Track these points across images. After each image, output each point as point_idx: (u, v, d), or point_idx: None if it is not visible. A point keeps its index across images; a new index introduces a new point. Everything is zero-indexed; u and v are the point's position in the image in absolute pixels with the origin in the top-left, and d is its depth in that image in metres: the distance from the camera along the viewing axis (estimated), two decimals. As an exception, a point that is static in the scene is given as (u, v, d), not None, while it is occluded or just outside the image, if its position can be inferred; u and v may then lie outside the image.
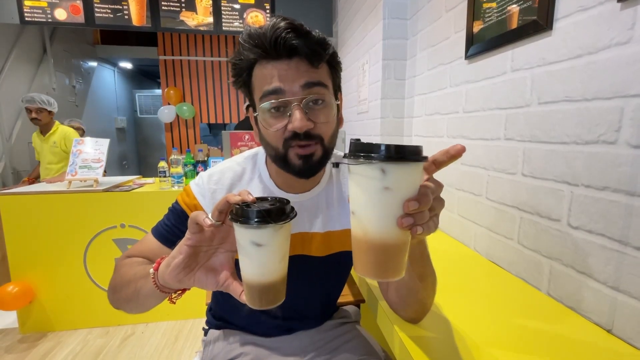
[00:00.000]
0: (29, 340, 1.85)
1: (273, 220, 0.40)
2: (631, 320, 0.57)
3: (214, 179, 0.65)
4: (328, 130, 0.56)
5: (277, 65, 0.52)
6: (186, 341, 1.85)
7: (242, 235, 0.42)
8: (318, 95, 0.53)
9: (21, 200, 1.80)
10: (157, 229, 0.65)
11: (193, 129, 4.82)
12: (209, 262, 0.48)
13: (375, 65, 1.58)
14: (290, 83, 0.52)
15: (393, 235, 0.37)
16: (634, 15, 0.55)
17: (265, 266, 0.43)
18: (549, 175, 0.74)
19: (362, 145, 0.36)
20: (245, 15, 2.63)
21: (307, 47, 0.51)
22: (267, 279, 0.43)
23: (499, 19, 0.88)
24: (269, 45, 0.50)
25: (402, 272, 0.39)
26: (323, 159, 0.57)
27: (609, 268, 0.60)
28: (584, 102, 0.65)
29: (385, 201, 0.36)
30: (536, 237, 0.78)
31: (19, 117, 3.28)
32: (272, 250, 0.42)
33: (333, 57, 0.56)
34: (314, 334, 0.77)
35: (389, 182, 0.35)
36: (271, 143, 0.56)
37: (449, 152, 0.40)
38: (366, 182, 0.36)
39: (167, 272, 0.46)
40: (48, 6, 2.38)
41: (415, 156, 0.35)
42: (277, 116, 0.53)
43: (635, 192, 0.56)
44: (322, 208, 0.66)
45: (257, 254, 0.42)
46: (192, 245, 0.44)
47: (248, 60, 0.54)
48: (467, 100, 1.04)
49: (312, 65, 0.53)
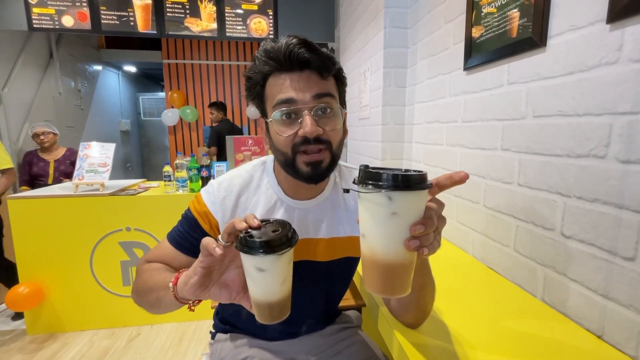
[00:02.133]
0: (36, 342, 1.89)
1: (273, 250, 0.44)
2: (620, 327, 0.60)
3: (223, 186, 0.68)
4: (336, 137, 0.60)
5: (290, 76, 0.57)
6: (190, 342, 1.89)
7: (247, 262, 0.46)
8: (327, 104, 0.58)
9: (29, 204, 1.85)
10: (171, 235, 0.69)
11: (196, 132, 4.86)
12: (222, 278, 0.53)
13: (377, 72, 1.61)
14: (302, 93, 0.56)
15: (400, 256, 0.40)
16: (621, 36, 0.58)
17: (268, 288, 0.48)
18: (543, 186, 0.76)
19: (370, 173, 0.39)
20: (248, 21, 2.66)
21: (317, 61, 0.56)
22: (272, 299, 0.48)
23: (496, 33, 0.91)
24: (283, 57, 0.55)
25: (408, 289, 0.42)
26: (331, 165, 0.60)
27: (599, 276, 0.63)
28: (575, 117, 0.67)
29: (392, 225, 0.39)
30: (531, 244, 0.81)
31: (26, 120, 3.33)
32: (274, 275, 0.47)
33: (339, 72, 0.62)
34: (317, 338, 0.80)
35: (396, 208, 0.38)
36: (281, 149, 0.59)
37: (452, 177, 0.43)
38: (374, 208, 0.39)
39: (185, 289, 0.51)
40: (56, 13, 2.43)
41: (421, 184, 0.38)
42: (288, 123, 0.58)
43: (623, 205, 0.58)
44: (327, 214, 0.69)
45: (260, 278, 0.47)
46: (204, 267, 0.49)
47: (263, 72, 0.58)
48: (466, 110, 1.07)
49: (322, 76, 0.58)
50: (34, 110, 3.43)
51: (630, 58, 0.57)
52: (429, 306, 0.62)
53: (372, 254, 0.41)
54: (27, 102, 3.39)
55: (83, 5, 2.45)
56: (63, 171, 2.66)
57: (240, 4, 2.63)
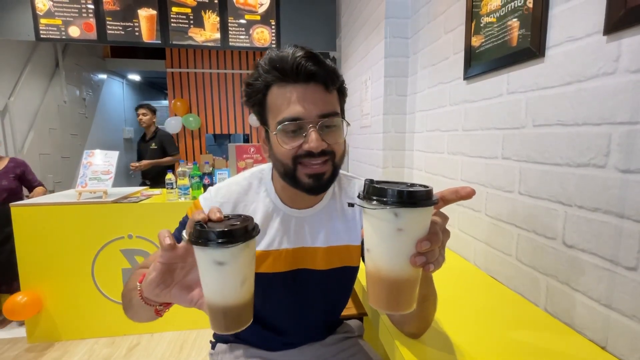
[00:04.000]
0: (36, 350, 1.88)
1: (231, 241, 0.39)
2: (624, 338, 0.59)
3: (221, 193, 0.69)
4: (339, 149, 0.61)
5: (295, 88, 0.56)
6: (191, 351, 1.87)
7: (203, 256, 0.41)
8: (331, 120, 0.58)
9: (32, 211, 1.86)
10: None
11: (199, 139, 4.90)
12: (185, 280, 0.48)
13: (378, 81, 1.63)
14: (308, 108, 0.56)
15: (405, 272, 0.39)
16: (618, 48, 0.59)
17: (226, 287, 0.42)
18: (544, 195, 0.77)
19: (376, 189, 0.38)
20: (251, 31, 2.71)
21: (323, 74, 0.56)
22: (229, 302, 0.42)
23: (496, 43, 0.92)
24: (290, 69, 0.55)
25: (413, 305, 0.41)
26: (332, 177, 0.61)
27: (602, 286, 0.63)
28: (575, 126, 0.68)
29: (398, 242, 0.38)
30: (533, 253, 0.80)
31: (31, 129, 3.37)
32: (234, 270, 0.41)
33: (342, 86, 0.63)
34: (318, 347, 0.79)
35: (402, 225, 0.37)
36: (282, 159, 0.59)
37: (459, 192, 0.42)
38: (380, 224, 0.39)
39: (145, 286, 0.46)
40: (62, 24, 2.48)
41: (427, 201, 0.37)
42: (293, 136, 0.58)
43: (624, 214, 0.58)
44: (325, 223, 0.70)
45: (218, 274, 0.41)
46: (164, 262, 0.45)
47: (266, 81, 0.58)
48: (466, 119, 1.08)
49: (327, 90, 0.58)
50: (39, 119, 3.48)
51: (628, 69, 0.57)
52: (431, 317, 0.61)
53: (377, 270, 0.40)
54: (33, 110, 3.44)
55: (89, 16, 2.51)
56: (6, 187, 2.15)
57: (243, 15, 2.68)
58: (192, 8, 2.61)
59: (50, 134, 3.65)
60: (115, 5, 2.52)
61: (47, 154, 3.56)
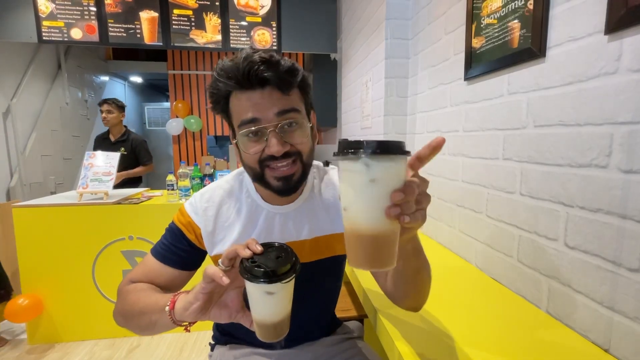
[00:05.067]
0: (37, 352, 1.88)
1: (280, 278, 0.46)
2: (627, 340, 0.58)
3: (205, 197, 0.71)
4: (305, 147, 0.61)
5: (251, 96, 0.57)
6: (191, 353, 1.87)
7: (254, 288, 0.47)
8: (291, 119, 0.58)
9: (34, 213, 1.86)
10: (156, 250, 0.69)
11: (200, 141, 4.90)
12: (221, 300, 0.53)
13: (378, 83, 1.63)
14: (265, 111, 0.57)
15: (382, 226, 0.39)
16: (620, 47, 0.58)
17: (275, 310, 0.49)
18: (545, 196, 0.76)
19: (348, 142, 0.39)
20: (252, 33, 2.71)
21: (277, 77, 0.56)
22: (277, 319, 0.50)
23: (497, 44, 0.92)
24: (242, 77, 0.56)
25: (393, 262, 0.41)
26: (302, 176, 0.63)
27: (604, 288, 0.62)
28: (576, 127, 0.67)
29: (372, 193, 0.38)
30: (534, 255, 0.80)
31: (33, 130, 3.39)
32: (282, 297, 0.49)
33: (303, 81, 0.61)
34: (318, 348, 0.79)
35: (374, 175, 0.38)
36: (249, 164, 0.62)
37: (430, 144, 0.41)
38: (353, 177, 0.39)
39: (185, 314, 0.51)
40: (65, 26, 2.49)
41: (397, 150, 0.38)
42: (254, 140, 0.59)
43: (626, 215, 0.58)
44: (308, 216, 0.71)
45: (268, 302, 0.48)
46: (207, 293, 0.50)
47: (224, 91, 0.59)
48: (467, 120, 1.08)
49: (283, 92, 0.58)
50: (42, 120, 3.49)
51: (630, 68, 0.57)
52: (427, 288, 0.60)
53: (355, 228, 0.40)
54: (35, 112, 3.45)
55: (91, 18, 2.52)
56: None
57: (245, 16, 2.69)
58: (194, 10, 2.62)
59: (52, 136, 3.66)
60: (117, 7, 2.53)
61: (49, 155, 3.56)
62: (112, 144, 2.75)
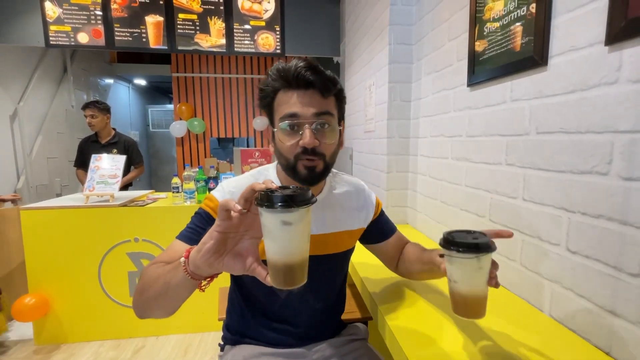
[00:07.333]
0: (43, 352, 1.90)
1: (298, 204, 0.44)
2: (628, 344, 0.59)
3: (232, 184, 0.76)
4: (330, 149, 0.69)
5: (295, 94, 0.66)
6: (196, 354, 1.88)
7: (270, 218, 0.46)
8: (325, 120, 0.67)
9: (41, 215, 1.88)
10: (183, 234, 0.70)
11: (203, 143, 4.94)
12: (236, 248, 0.52)
13: (382, 87, 1.65)
14: (305, 109, 0.65)
15: (482, 291, 0.58)
16: (620, 58, 0.60)
17: (292, 245, 0.47)
18: (548, 201, 0.77)
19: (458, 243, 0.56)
20: (256, 36, 2.74)
21: (320, 82, 0.65)
22: (291, 259, 0.48)
23: (500, 50, 0.93)
24: (292, 77, 0.65)
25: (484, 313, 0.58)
26: (324, 171, 0.70)
27: (606, 292, 0.63)
28: (577, 134, 0.69)
29: (478, 275, 0.56)
30: (537, 259, 0.81)
31: (40, 133, 3.43)
32: (300, 230, 0.47)
33: (340, 92, 0.71)
34: (325, 348, 0.81)
35: (482, 264, 0.56)
36: (285, 154, 0.68)
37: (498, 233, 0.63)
38: (465, 266, 0.56)
39: (198, 257, 0.50)
40: (72, 31, 2.53)
41: (494, 248, 0.56)
42: (291, 134, 0.67)
43: (627, 221, 0.59)
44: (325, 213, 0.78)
45: (285, 234, 0.46)
46: (221, 231, 0.49)
47: (274, 87, 0.68)
48: (470, 125, 1.09)
49: (323, 96, 0.67)
50: (47, 123, 3.53)
51: (629, 79, 0.58)
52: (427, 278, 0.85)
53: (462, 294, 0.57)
54: (41, 115, 3.49)
55: (98, 23, 2.55)
56: None
57: (249, 21, 2.72)
58: (198, 14, 2.65)
59: (58, 138, 3.70)
60: (123, 12, 2.56)
61: (55, 157, 3.60)
62: (102, 146, 2.63)
